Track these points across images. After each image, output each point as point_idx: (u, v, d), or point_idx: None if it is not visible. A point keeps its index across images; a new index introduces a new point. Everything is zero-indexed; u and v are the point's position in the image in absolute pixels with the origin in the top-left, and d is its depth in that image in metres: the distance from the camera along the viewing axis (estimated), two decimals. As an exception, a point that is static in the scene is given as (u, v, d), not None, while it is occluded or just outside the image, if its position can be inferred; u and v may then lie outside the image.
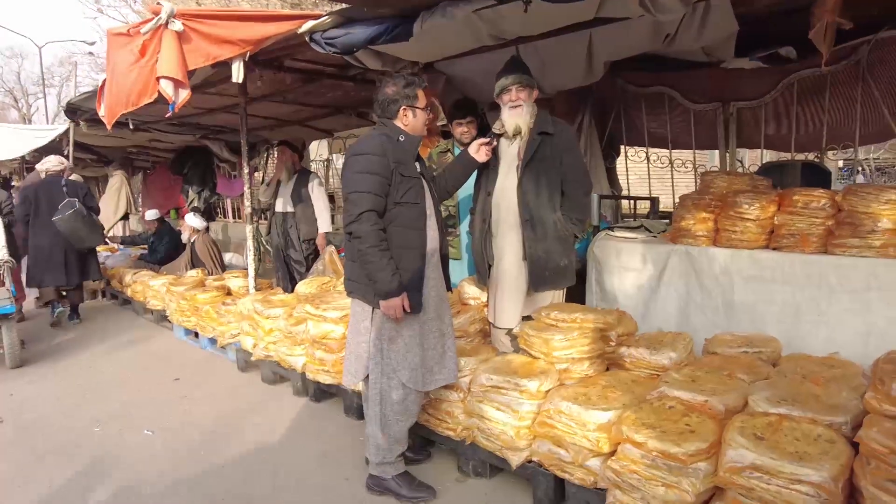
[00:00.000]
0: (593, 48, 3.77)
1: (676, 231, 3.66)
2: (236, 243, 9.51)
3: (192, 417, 3.57)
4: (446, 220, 3.77)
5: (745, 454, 1.81)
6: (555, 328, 2.79)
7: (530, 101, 3.06)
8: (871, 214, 2.95)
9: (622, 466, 2.09)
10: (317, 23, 3.49)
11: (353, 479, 2.75)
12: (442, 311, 2.62)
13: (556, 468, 2.38)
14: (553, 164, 3.04)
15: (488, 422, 2.57)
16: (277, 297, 4.20)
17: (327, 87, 5.44)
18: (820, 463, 1.73)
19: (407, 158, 2.54)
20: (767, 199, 3.27)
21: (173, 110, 3.33)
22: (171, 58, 3.13)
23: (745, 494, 1.82)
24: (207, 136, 8.40)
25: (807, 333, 3.08)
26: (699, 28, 3.28)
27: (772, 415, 2.00)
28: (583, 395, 2.39)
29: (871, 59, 3.82)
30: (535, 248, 3.01)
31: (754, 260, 3.27)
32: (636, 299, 3.77)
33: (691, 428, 2.05)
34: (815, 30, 2.70)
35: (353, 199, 2.41)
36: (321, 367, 3.54)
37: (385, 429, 2.53)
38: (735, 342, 2.87)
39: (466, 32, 3.39)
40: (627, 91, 4.92)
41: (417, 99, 2.59)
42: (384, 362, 2.51)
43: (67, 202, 5.70)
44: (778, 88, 4.19)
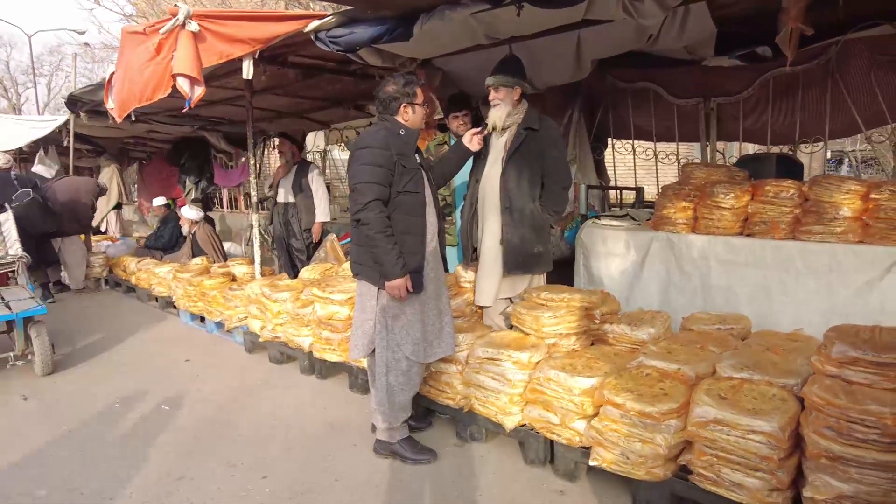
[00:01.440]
0: (581, 47, 4.02)
1: (658, 219, 3.93)
2: (234, 233, 9.71)
3: (205, 394, 3.81)
4: (443, 208, 4.01)
5: (708, 410, 2.08)
6: (544, 307, 3.05)
7: (508, 100, 3.27)
8: (834, 203, 3.23)
9: (604, 426, 2.36)
10: (321, 22, 3.70)
11: (360, 445, 3.01)
12: (440, 291, 2.87)
13: (545, 430, 2.65)
14: (536, 158, 3.28)
15: (484, 390, 2.84)
16: (284, 283, 4.43)
17: (327, 81, 5.64)
18: (771, 416, 2.00)
19: (408, 151, 2.77)
20: (742, 190, 3.54)
21: (190, 106, 3.54)
22: (188, 56, 3.33)
23: (709, 445, 2.10)
24: (205, 127, 8.57)
25: (776, 312, 3.36)
26: (679, 30, 3.53)
27: (735, 379, 2.28)
28: (569, 365, 2.65)
29: (839, 60, 4.08)
30: (511, 234, 3.26)
31: (729, 245, 3.54)
32: (621, 282, 4.04)
33: (665, 391, 2.32)
34: (780, 35, 2.96)
35: (360, 189, 2.64)
36: (327, 346, 3.79)
37: (391, 397, 2.78)
38: (709, 320, 3.14)
39: (463, 32, 3.61)
40: (615, 87, 5.16)
41: (416, 96, 2.81)
42: (389, 337, 2.75)
43: (22, 192, 6.17)
44: (755, 85, 4.45)
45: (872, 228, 3.15)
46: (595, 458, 2.39)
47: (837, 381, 1.96)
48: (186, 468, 2.83)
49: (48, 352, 4.20)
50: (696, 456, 2.15)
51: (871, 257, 3.09)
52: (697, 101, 4.80)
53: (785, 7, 2.90)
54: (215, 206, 10.65)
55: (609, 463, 2.35)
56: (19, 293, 4.58)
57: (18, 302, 4.26)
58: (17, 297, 4.43)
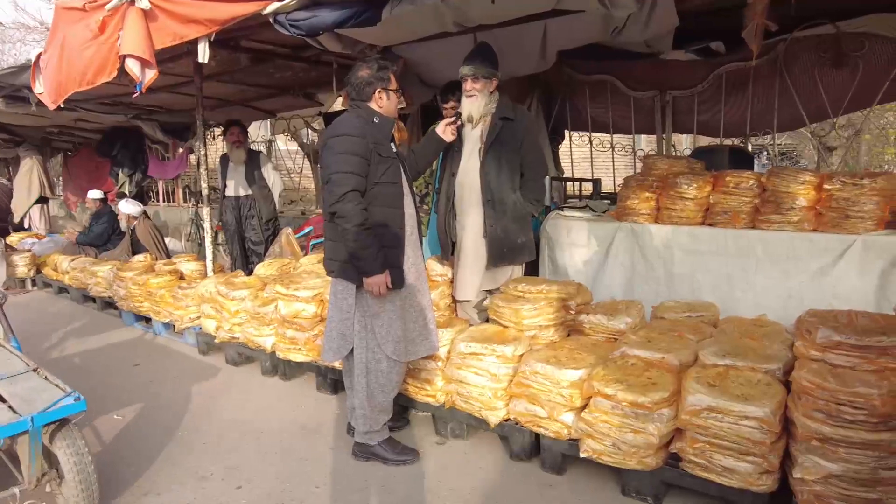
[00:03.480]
0: (547, 38, 4.00)
1: (622, 210, 3.99)
2: (172, 227, 9.20)
3: (162, 400, 3.56)
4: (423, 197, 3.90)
5: (702, 398, 2.11)
6: (522, 299, 3.03)
7: (485, 91, 3.22)
8: (791, 194, 3.36)
9: (594, 417, 2.36)
10: (282, 4, 3.49)
11: (337, 448, 2.89)
12: (421, 287, 2.78)
13: (531, 424, 2.62)
14: (513, 148, 3.25)
15: (467, 386, 2.78)
16: (240, 280, 4.21)
17: (276, 67, 5.39)
18: (761, 401, 2.05)
19: (383, 139, 2.66)
20: (704, 181, 3.63)
21: (140, 91, 3.27)
22: (137, 36, 3.06)
23: (701, 433, 2.13)
24: (140, 116, 8.04)
25: (738, 299, 3.48)
26: (645, 22, 3.56)
27: (720, 366, 2.32)
28: (554, 358, 2.64)
29: (787, 56, 4.28)
30: (494, 227, 3.23)
31: (692, 235, 3.63)
32: (585, 273, 4.08)
33: (653, 381, 2.34)
34: (747, 30, 3.04)
35: (336, 180, 2.50)
36: (292, 345, 3.62)
37: (371, 399, 2.68)
38: (679, 308, 3.22)
39: (431, 19, 3.51)
40: (573, 78, 5.21)
41: (390, 82, 2.70)
42: (369, 337, 2.65)
43: None
44: (709, 79, 4.61)
45: (825, 217, 3.30)
46: (585, 449, 2.39)
47: (823, 364, 2.04)
48: (152, 483, 2.62)
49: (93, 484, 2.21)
50: (687, 443, 2.18)
51: (825, 245, 3.25)
52: (654, 94, 4.92)
53: (750, 3, 2.98)
54: (151, 200, 10.06)
55: (600, 454, 2.35)
56: (9, 365, 2.57)
57: (23, 391, 2.31)
58: (11, 374, 2.46)
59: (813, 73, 4.30)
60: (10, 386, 2.34)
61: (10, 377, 2.41)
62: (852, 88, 4.16)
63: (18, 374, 2.45)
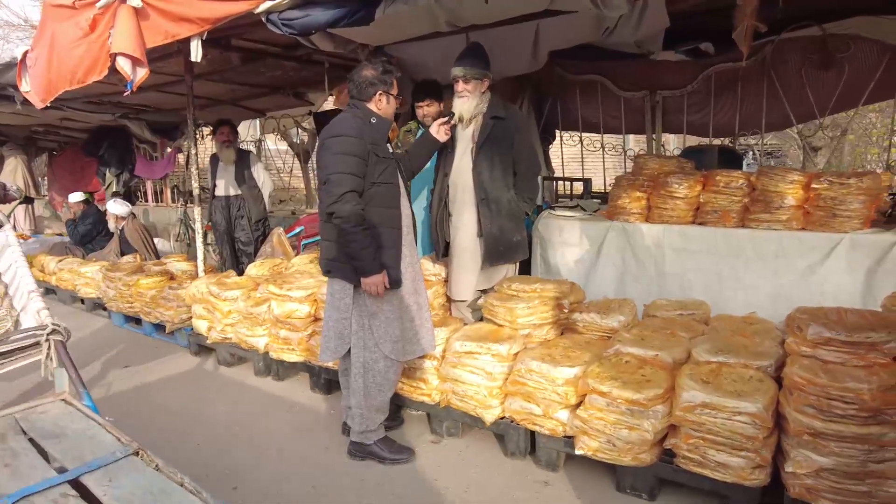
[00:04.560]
0: (539, 38, 4.03)
1: (613, 209, 4.02)
2: (161, 228, 9.12)
3: (154, 402, 3.53)
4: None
5: (696, 395, 2.14)
6: (517, 298, 3.05)
7: (477, 92, 3.22)
8: (780, 193, 3.41)
9: (590, 414, 2.38)
10: (274, 3, 3.47)
11: (332, 448, 2.89)
12: (418, 286, 2.79)
13: (527, 422, 2.64)
14: (505, 147, 3.26)
15: (462, 385, 2.79)
16: (232, 280, 4.19)
17: (267, 66, 5.37)
18: (754, 397, 2.09)
19: (380, 140, 2.66)
20: (694, 180, 3.68)
21: (131, 89, 3.24)
22: (128, 34, 3.03)
23: (695, 428, 2.16)
24: (128, 115, 7.97)
25: (728, 297, 3.52)
26: (636, 23, 3.60)
27: (712, 363, 2.36)
28: (548, 356, 2.66)
29: (774, 58, 4.34)
30: (490, 226, 3.24)
31: (683, 234, 3.67)
32: (577, 272, 4.11)
33: (647, 378, 2.36)
34: (737, 31, 3.08)
35: (334, 180, 2.50)
36: (286, 345, 3.61)
37: (368, 399, 2.68)
38: (671, 306, 3.25)
39: (424, 18, 3.52)
40: (563, 79, 5.23)
41: (393, 86, 2.71)
42: (367, 337, 2.65)
43: None
44: (698, 80, 4.66)
45: (813, 216, 3.35)
46: (581, 446, 2.41)
47: (814, 360, 2.07)
48: (146, 484, 2.60)
49: None
50: (681, 440, 2.21)
51: (813, 243, 3.30)
52: (644, 94, 4.96)
53: (740, 4, 3.02)
54: (139, 200, 9.97)
55: (595, 451, 2.37)
56: (93, 442, 1.64)
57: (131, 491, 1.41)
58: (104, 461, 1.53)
59: (800, 74, 4.36)
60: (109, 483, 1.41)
61: (104, 466, 1.50)
62: (838, 89, 4.23)
63: (114, 462, 1.52)
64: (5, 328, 2.04)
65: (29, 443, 1.58)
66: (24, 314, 2.02)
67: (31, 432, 1.62)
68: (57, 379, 1.98)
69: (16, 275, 2.09)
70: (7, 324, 2.06)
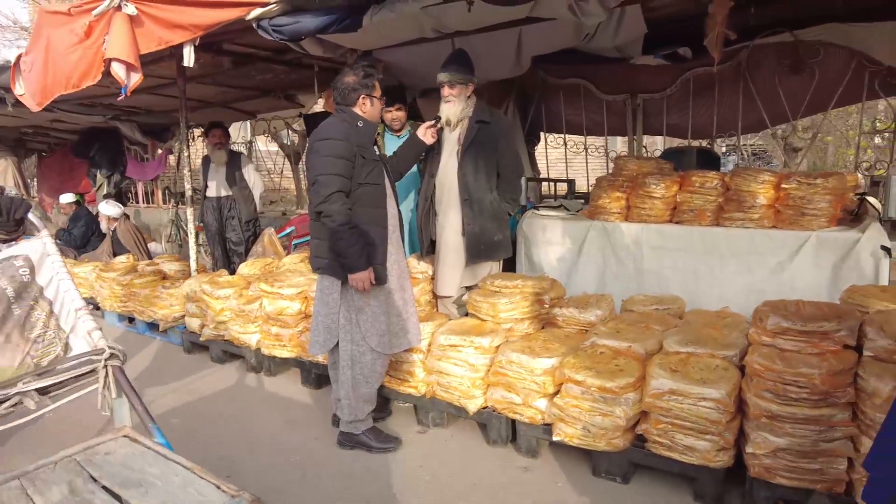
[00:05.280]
0: (522, 44, 4.17)
1: (594, 209, 4.16)
2: (153, 229, 9.18)
3: (147, 398, 3.62)
4: None
5: (664, 382, 2.28)
6: (499, 294, 3.18)
7: (462, 97, 3.36)
8: (752, 192, 3.56)
9: (566, 402, 2.51)
10: (264, 10, 3.58)
11: (322, 438, 3.01)
12: (404, 283, 2.92)
13: (508, 411, 2.77)
14: (489, 150, 3.40)
15: (447, 376, 2.92)
16: (224, 279, 4.29)
17: (258, 69, 5.46)
18: (718, 384, 2.23)
19: (367, 142, 2.79)
20: (671, 180, 3.82)
21: (125, 94, 3.34)
22: (123, 40, 3.13)
23: (664, 414, 2.30)
24: (119, 117, 8.03)
25: (704, 293, 3.67)
26: (615, 29, 3.76)
27: (682, 353, 2.50)
28: (528, 348, 2.79)
29: (749, 62, 4.51)
30: (472, 225, 3.37)
31: (660, 232, 3.81)
32: (560, 269, 4.25)
33: (620, 368, 2.50)
34: (708, 38, 3.23)
35: (322, 182, 2.63)
36: (277, 342, 3.72)
37: (356, 390, 2.80)
38: (647, 301, 3.39)
39: (410, 25, 3.64)
40: (547, 82, 5.38)
41: (375, 89, 2.83)
42: (354, 330, 2.77)
43: None
44: (677, 83, 4.81)
45: (783, 215, 3.51)
46: (558, 433, 2.54)
47: (773, 349, 2.22)
48: (143, 473, 2.70)
49: None
50: (651, 425, 2.35)
51: (783, 240, 3.45)
52: (625, 97, 5.11)
53: (711, 13, 3.17)
54: (130, 201, 10.01)
55: (571, 437, 2.51)
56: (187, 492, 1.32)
57: None
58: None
59: (774, 78, 4.53)
60: None
61: None
62: (809, 93, 4.40)
63: None
64: (54, 353, 1.72)
65: (106, 493, 1.31)
66: (73, 336, 1.74)
67: (104, 479, 1.36)
68: (116, 411, 1.74)
69: (58, 289, 1.78)
70: (56, 348, 1.73)
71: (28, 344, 1.66)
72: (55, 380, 1.58)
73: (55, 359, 1.69)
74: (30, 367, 1.64)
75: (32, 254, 1.78)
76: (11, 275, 1.71)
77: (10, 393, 1.46)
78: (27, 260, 1.75)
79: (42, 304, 1.72)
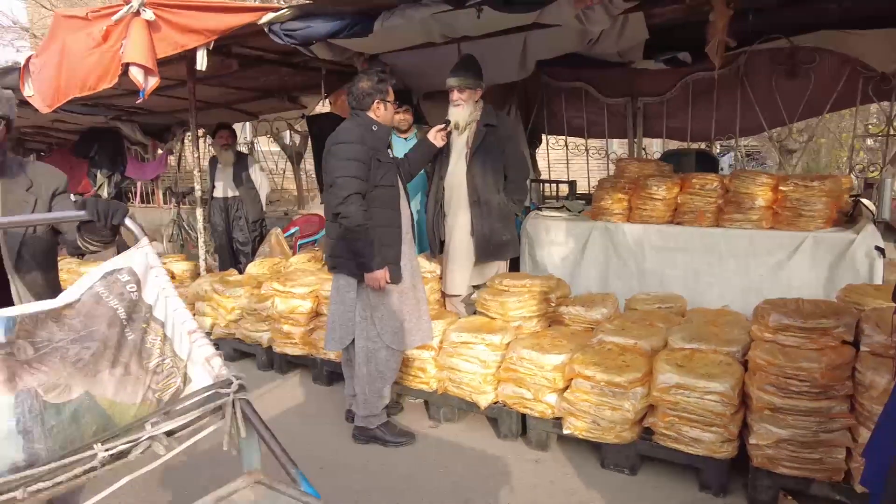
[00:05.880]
0: (527, 48, 4.27)
1: (596, 210, 4.26)
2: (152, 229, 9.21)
3: (161, 394, 3.70)
4: None
5: (671, 377, 2.38)
6: (508, 293, 3.28)
7: (471, 101, 3.46)
8: (751, 194, 3.67)
9: (576, 397, 2.61)
10: (276, 15, 3.68)
11: (337, 433, 3.09)
12: (416, 282, 3.01)
13: (518, 406, 2.87)
14: (497, 153, 3.50)
15: (459, 373, 3.01)
16: (234, 278, 4.36)
17: (264, 71, 5.53)
18: (723, 379, 2.33)
19: (381, 146, 2.88)
20: (672, 182, 3.93)
21: (143, 97, 3.41)
22: (141, 45, 3.20)
23: (671, 407, 2.41)
24: (120, 117, 8.08)
25: (704, 292, 3.77)
26: (618, 35, 3.86)
27: (686, 349, 2.60)
28: (538, 345, 2.88)
29: (747, 67, 4.63)
30: (481, 226, 3.47)
31: (662, 233, 3.92)
32: (563, 269, 4.35)
33: (627, 363, 2.60)
34: (709, 45, 3.34)
35: (340, 184, 2.71)
36: (288, 340, 3.80)
37: (371, 385, 2.89)
38: (650, 300, 3.49)
39: (419, 30, 3.74)
40: (549, 85, 5.48)
41: (388, 94, 2.92)
42: (369, 328, 2.86)
43: None
44: (677, 87, 4.93)
45: (781, 216, 3.62)
46: (568, 427, 2.64)
47: (774, 345, 2.32)
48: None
49: None
50: (659, 418, 2.45)
51: (781, 241, 3.57)
52: (626, 101, 5.22)
53: (713, 21, 3.28)
54: (129, 201, 10.04)
55: (581, 430, 2.61)
56: None
57: None
58: None
59: (770, 82, 4.64)
60: None
61: None
62: (805, 97, 4.52)
63: None
64: (175, 386, 1.44)
65: None
66: (190, 364, 1.47)
67: None
68: (245, 453, 1.44)
69: (167, 308, 1.49)
70: (176, 379, 1.44)
71: (148, 375, 1.41)
72: (185, 420, 1.32)
73: (176, 392, 1.43)
74: (152, 404, 1.40)
75: (136, 266, 1.49)
76: (120, 292, 1.43)
77: (142, 438, 1.23)
78: (132, 274, 1.47)
79: (154, 326, 1.46)
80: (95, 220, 1.61)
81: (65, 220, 1.80)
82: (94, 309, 1.39)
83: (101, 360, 1.35)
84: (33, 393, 1.23)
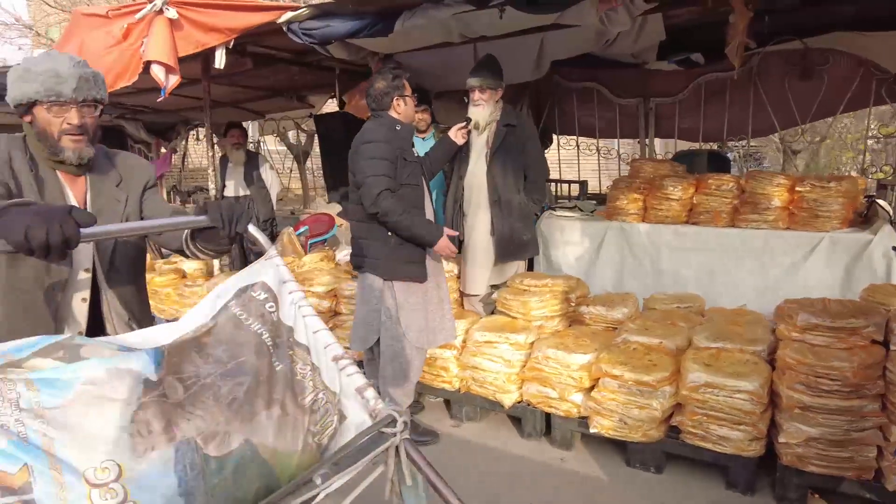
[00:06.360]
0: (544, 48, 4.29)
1: (611, 209, 4.28)
2: (156, 227, 9.18)
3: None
4: None
5: (700, 376, 2.40)
6: (529, 292, 3.29)
7: (492, 101, 3.46)
8: (766, 195, 3.70)
9: (603, 396, 2.63)
10: (295, 14, 3.68)
11: (359, 431, 3.09)
12: (440, 281, 3.02)
13: (543, 405, 2.88)
14: (517, 153, 3.51)
15: (482, 372, 3.02)
16: (249, 277, 4.35)
17: (275, 70, 5.52)
18: (751, 377, 2.35)
19: (406, 145, 2.89)
20: (688, 183, 3.95)
21: (164, 95, 3.41)
22: (163, 43, 3.20)
23: (699, 406, 2.42)
24: (124, 115, 8.06)
25: (719, 291, 3.80)
26: (636, 36, 3.88)
27: (712, 348, 2.62)
28: (562, 344, 2.90)
29: (760, 68, 4.66)
30: (502, 226, 3.48)
31: (677, 233, 3.94)
32: (578, 268, 4.37)
33: (654, 363, 2.62)
34: (729, 46, 3.36)
35: (370, 183, 2.71)
36: (306, 338, 3.80)
37: (396, 384, 2.89)
38: (669, 300, 3.51)
39: (439, 30, 3.74)
40: (561, 85, 5.50)
41: (405, 88, 2.91)
42: (394, 327, 2.86)
43: None
44: (689, 88, 4.96)
45: (797, 216, 3.64)
46: (594, 425, 2.66)
47: (803, 344, 2.34)
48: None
49: None
50: (686, 416, 2.47)
51: (797, 241, 3.59)
52: (638, 101, 5.24)
53: (733, 22, 3.30)
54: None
55: (607, 429, 2.62)
56: None
57: None
58: None
59: (783, 84, 4.68)
60: None
61: None
62: (818, 99, 4.55)
63: None
64: (332, 426, 1.16)
65: None
66: (343, 398, 1.19)
67: None
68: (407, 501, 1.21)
69: (307, 330, 1.21)
70: (332, 418, 1.17)
71: (306, 415, 1.12)
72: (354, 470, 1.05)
73: (334, 434, 1.15)
74: (313, 450, 1.12)
75: (269, 281, 1.24)
76: (260, 313, 1.17)
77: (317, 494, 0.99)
78: (268, 290, 1.22)
79: (300, 353, 1.18)
80: (219, 227, 1.36)
81: (184, 228, 1.52)
82: (236, 334, 1.12)
83: (257, 400, 1.08)
84: (193, 445, 0.98)
